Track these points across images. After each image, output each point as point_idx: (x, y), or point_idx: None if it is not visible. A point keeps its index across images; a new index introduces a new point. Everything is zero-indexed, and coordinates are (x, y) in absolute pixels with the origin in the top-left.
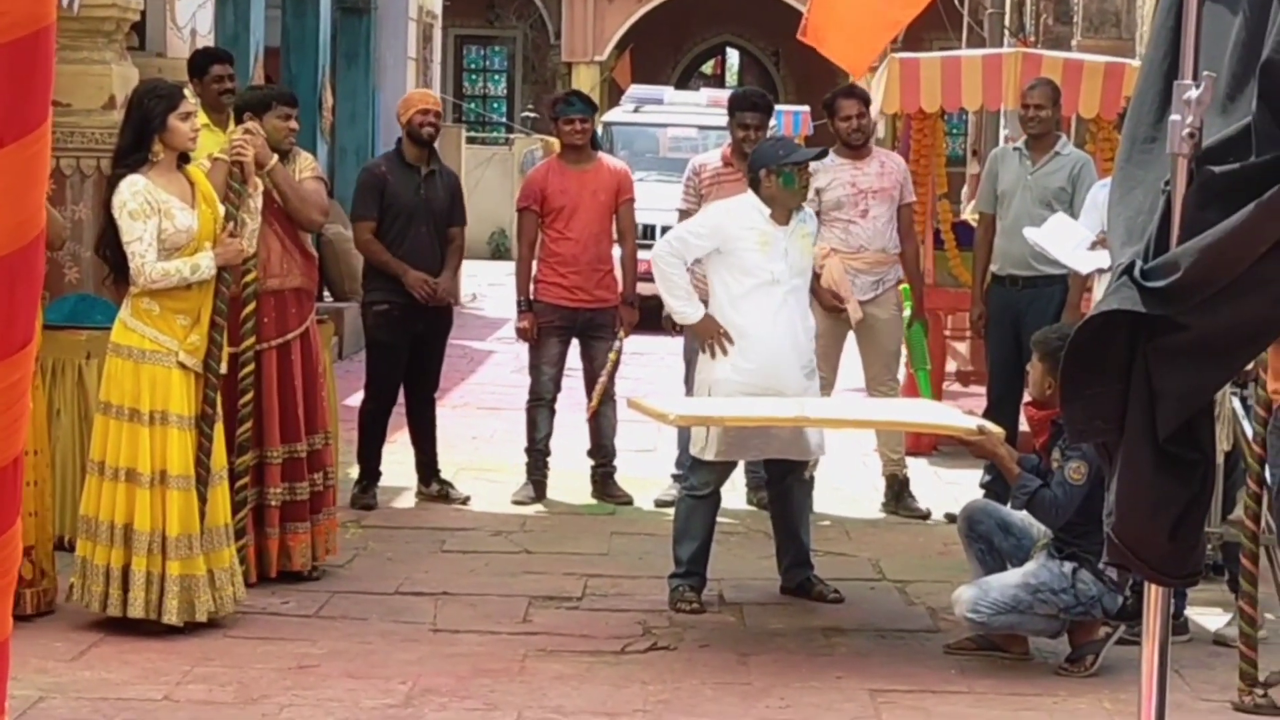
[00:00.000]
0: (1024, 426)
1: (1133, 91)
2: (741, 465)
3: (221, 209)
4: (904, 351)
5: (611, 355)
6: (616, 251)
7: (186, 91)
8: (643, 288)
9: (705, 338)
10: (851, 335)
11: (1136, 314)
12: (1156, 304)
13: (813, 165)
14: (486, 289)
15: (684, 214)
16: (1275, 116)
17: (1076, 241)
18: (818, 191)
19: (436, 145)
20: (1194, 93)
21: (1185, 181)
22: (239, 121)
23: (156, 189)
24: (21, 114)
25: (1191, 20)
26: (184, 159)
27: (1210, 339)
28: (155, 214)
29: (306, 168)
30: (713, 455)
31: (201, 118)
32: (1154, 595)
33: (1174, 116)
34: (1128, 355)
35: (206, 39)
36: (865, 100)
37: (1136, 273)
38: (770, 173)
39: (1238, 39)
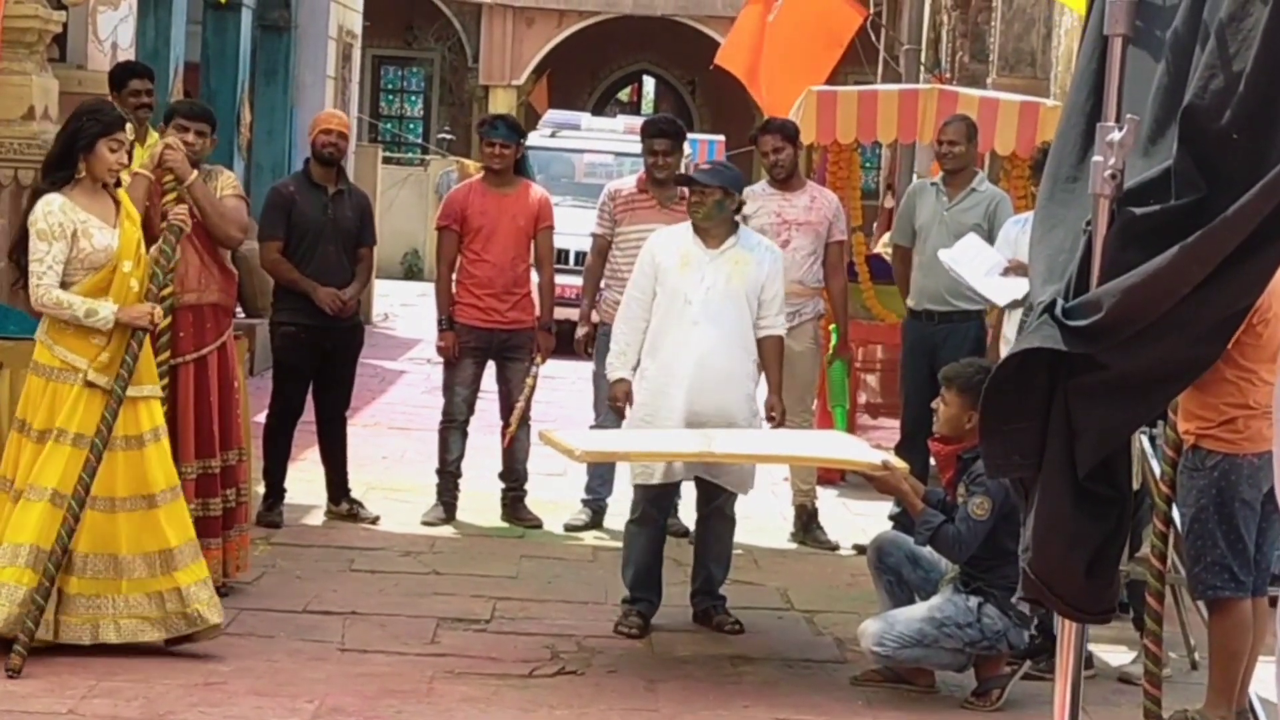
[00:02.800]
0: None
1: (1056, 131)
2: None
3: (150, 260)
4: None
5: (528, 381)
6: (536, 276)
7: (129, 126)
8: (557, 312)
9: (612, 395)
10: None
11: (1057, 352)
12: (1077, 343)
13: (744, 192)
14: (399, 309)
15: (597, 238)
16: (1195, 161)
17: (989, 266)
18: (745, 218)
19: (349, 165)
20: (1117, 135)
21: (1106, 222)
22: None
23: (75, 208)
24: None
25: (1115, 63)
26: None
27: (1130, 378)
28: (65, 237)
29: (227, 185)
30: (640, 480)
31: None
32: (1068, 631)
33: (1097, 157)
34: (1048, 392)
35: (127, 53)
36: (787, 134)
37: (1058, 311)
38: None
39: (1160, 83)
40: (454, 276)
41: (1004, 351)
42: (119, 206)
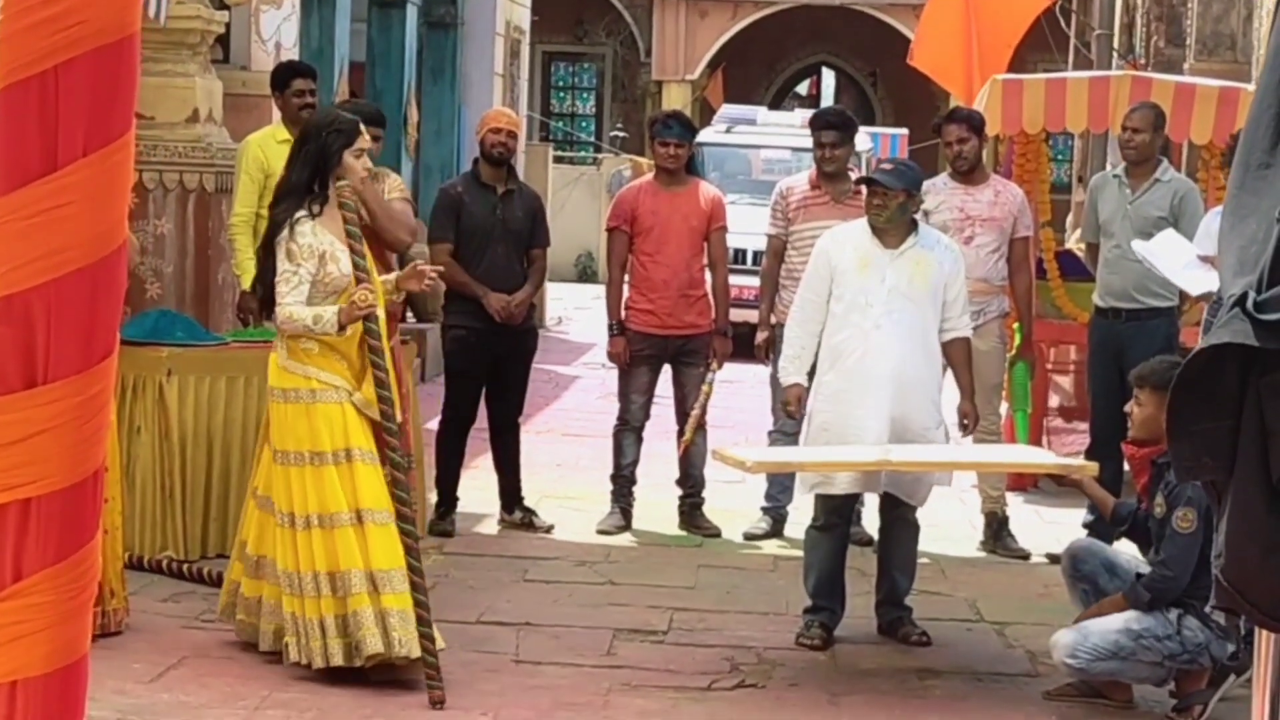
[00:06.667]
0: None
1: (1247, 116)
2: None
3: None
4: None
5: (704, 388)
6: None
7: (363, 127)
8: (734, 314)
9: (785, 400)
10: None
11: (1248, 347)
12: (1270, 338)
13: (925, 185)
14: (573, 312)
15: (771, 239)
16: None
17: (1185, 261)
18: (925, 213)
19: (520, 165)
20: None
21: None
22: None
23: (324, 230)
24: (104, 123)
25: None
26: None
27: None
28: (314, 258)
29: (395, 188)
30: (819, 490)
31: (282, 133)
32: (1265, 642)
33: None
34: (1239, 390)
35: (291, 52)
36: (973, 124)
37: (1249, 304)
38: None
39: None
40: (626, 279)
41: None
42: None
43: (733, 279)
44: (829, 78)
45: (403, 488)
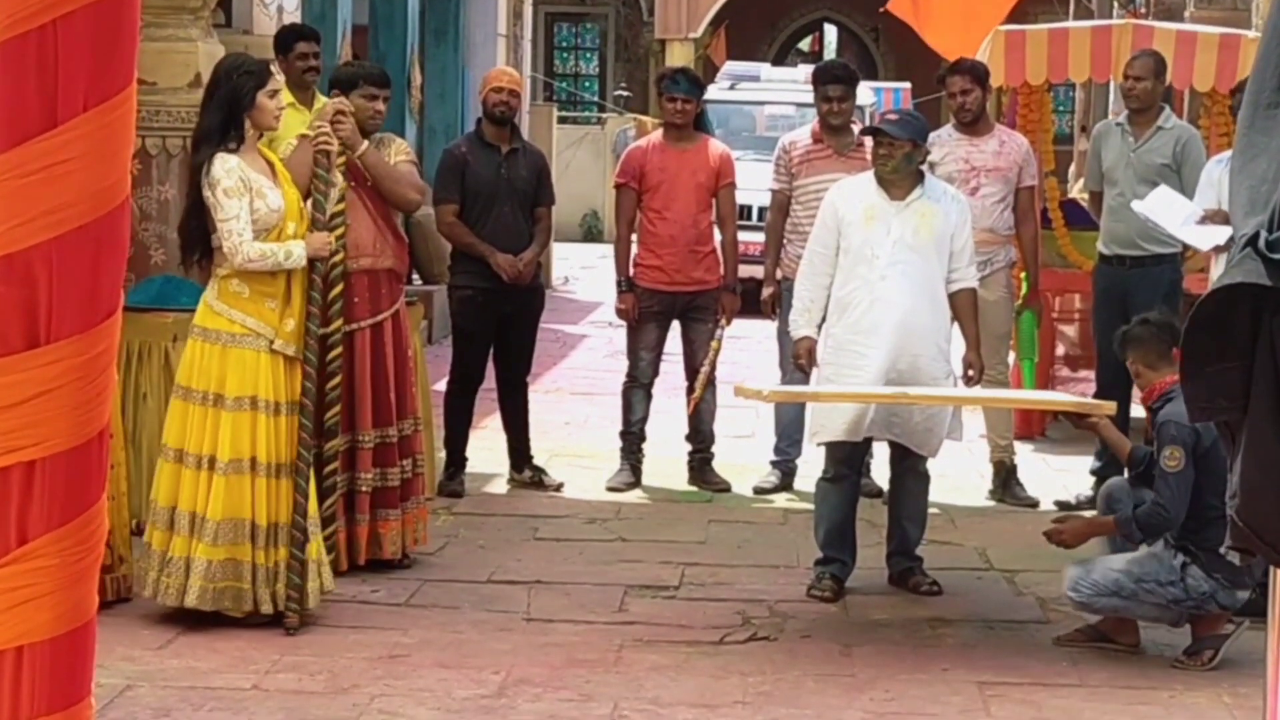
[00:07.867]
0: (1136, 412)
1: (1255, 55)
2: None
3: (309, 196)
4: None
5: (713, 344)
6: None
7: (273, 67)
8: (741, 270)
9: (795, 353)
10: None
11: (1261, 287)
12: None
13: (930, 138)
14: (579, 272)
15: (775, 194)
16: None
17: (1184, 216)
18: (931, 165)
19: (524, 126)
20: None
21: None
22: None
23: (247, 168)
24: (105, 78)
25: None
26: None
27: None
28: (248, 192)
29: (400, 152)
30: (816, 439)
31: (286, 96)
32: (1279, 581)
33: None
34: (1252, 331)
35: (294, 16)
36: (977, 76)
37: (1261, 244)
38: None
39: None
40: (634, 236)
41: None
42: (273, 167)
43: (740, 235)
44: (831, 33)
45: (305, 444)
